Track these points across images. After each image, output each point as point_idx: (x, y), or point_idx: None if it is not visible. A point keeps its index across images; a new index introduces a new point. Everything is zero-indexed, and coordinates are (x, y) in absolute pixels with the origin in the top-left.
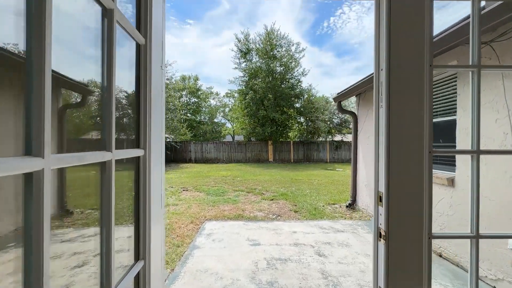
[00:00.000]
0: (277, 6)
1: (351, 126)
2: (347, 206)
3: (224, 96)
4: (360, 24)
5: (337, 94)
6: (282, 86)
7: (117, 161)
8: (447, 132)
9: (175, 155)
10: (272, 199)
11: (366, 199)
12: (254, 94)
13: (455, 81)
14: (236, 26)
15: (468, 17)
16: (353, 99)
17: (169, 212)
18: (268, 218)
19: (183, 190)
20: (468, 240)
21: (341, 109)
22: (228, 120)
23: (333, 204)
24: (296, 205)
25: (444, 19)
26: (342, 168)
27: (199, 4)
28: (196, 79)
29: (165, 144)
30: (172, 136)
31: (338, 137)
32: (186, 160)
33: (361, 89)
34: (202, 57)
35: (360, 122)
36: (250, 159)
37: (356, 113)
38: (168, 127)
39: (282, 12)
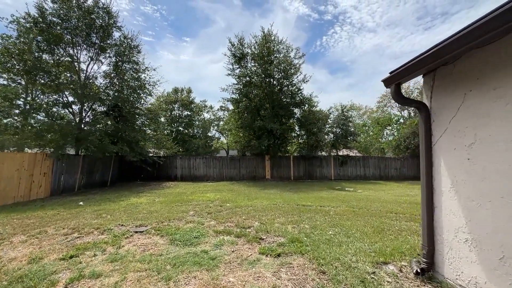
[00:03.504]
0: (272, 25)
1: (353, 136)
2: (417, 273)
3: (218, 109)
4: (351, 43)
5: (392, 72)
6: (281, 94)
7: None
8: None
9: (159, 172)
10: (279, 255)
11: (471, 268)
12: (249, 102)
13: None
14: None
15: None
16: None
17: None
18: None
19: (136, 232)
20: None
21: (401, 97)
22: (222, 134)
23: (385, 263)
24: (325, 273)
25: (431, 38)
26: (352, 188)
27: (195, 23)
28: (189, 91)
29: (147, 159)
30: (156, 150)
31: (340, 152)
32: (171, 177)
33: (442, 59)
34: (198, 73)
35: (440, 120)
36: (245, 176)
37: (427, 103)
38: (149, 139)
39: (276, 30)
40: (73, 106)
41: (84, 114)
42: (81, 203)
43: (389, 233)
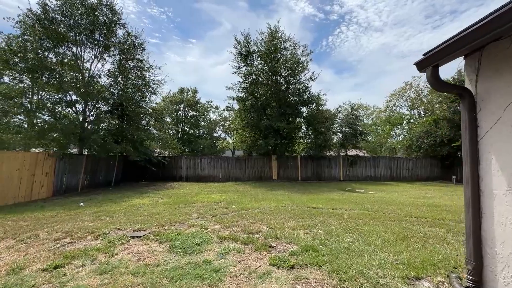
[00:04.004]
0: (278, 21)
1: (363, 135)
2: None
3: (224, 110)
4: (358, 43)
5: (426, 54)
6: (288, 92)
7: None
8: None
9: (164, 172)
10: (293, 267)
11: None
12: (255, 101)
13: None
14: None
15: None
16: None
17: None
18: None
19: (133, 237)
20: None
21: (440, 82)
22: (228, 134)
23: (417, 278)
24: None
25: (440, 37)
26: (362, 189)
27: (200, 24)
28: (195, 91)
29: (152, 159)
30: (161, 150)
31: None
32: (176, 177)
33: (498, 31)
34: (203, 75)
35: (489, 108)
36: (251, 176)
37: (471, 89)
38: (154, 139)
39: (282, 27)
40: (77, 105)
41: (88, 113)
42: (81, 204)
43: (414, 241)
